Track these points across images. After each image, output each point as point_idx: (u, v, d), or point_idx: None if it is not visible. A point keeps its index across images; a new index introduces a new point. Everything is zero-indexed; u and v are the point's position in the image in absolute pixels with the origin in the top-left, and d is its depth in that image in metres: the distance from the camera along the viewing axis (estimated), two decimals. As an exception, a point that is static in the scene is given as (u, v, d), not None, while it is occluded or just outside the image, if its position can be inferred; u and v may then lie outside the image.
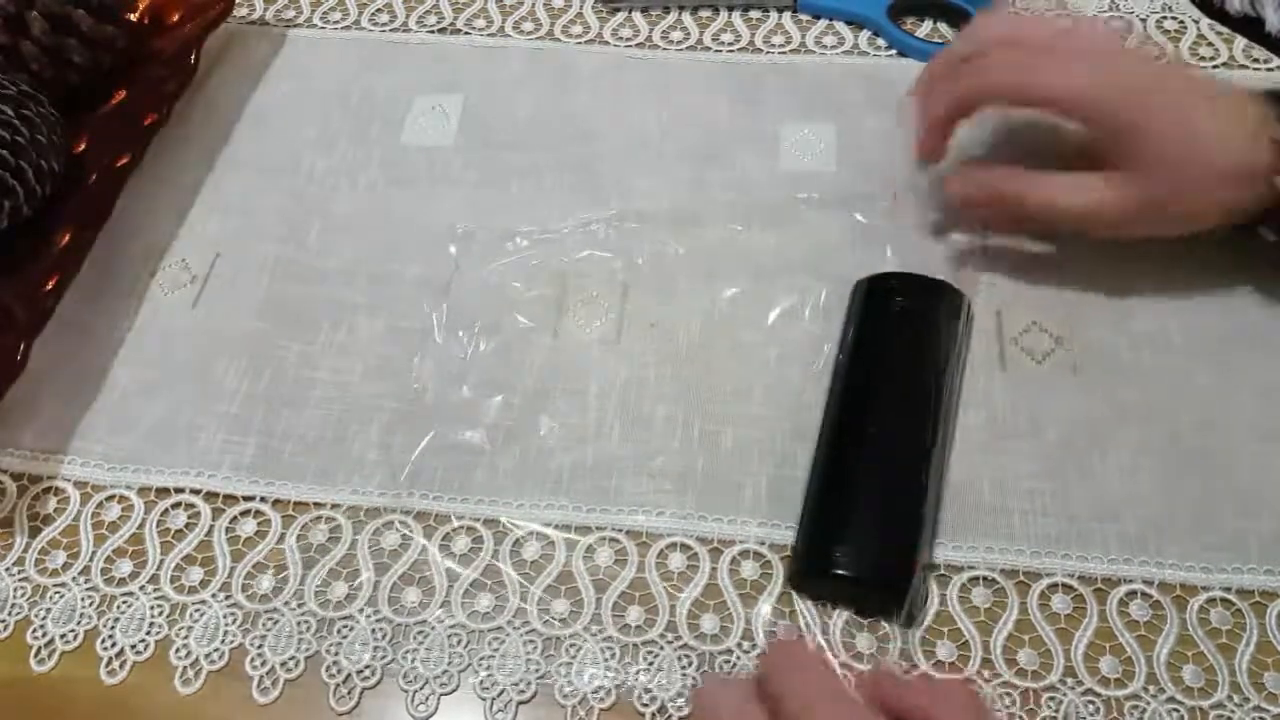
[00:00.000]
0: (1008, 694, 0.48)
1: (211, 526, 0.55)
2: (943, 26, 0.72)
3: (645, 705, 0.48)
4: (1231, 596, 0.50)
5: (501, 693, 0.49)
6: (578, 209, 0.64)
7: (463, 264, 0.62)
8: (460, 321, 0.60)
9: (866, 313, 0.56)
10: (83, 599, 0.53)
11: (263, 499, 0.55)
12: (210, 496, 0.56)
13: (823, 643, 0.49)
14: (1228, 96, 0.52)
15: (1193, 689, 0.47)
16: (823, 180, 0.64)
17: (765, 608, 0.51)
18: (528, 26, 0.75)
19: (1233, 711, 0.47)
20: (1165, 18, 0.71)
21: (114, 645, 0.51)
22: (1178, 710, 0.47)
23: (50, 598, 0.53)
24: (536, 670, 0.50)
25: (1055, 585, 0.50)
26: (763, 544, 0.52)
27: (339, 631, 0.51)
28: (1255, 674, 0.48)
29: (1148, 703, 0.47)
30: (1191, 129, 0.51)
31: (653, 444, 0.55)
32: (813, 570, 0.50)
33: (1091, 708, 0.47)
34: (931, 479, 0.51)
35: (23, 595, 0.53)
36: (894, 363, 0.54)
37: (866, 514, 0.50)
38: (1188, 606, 0.49)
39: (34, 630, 0.52)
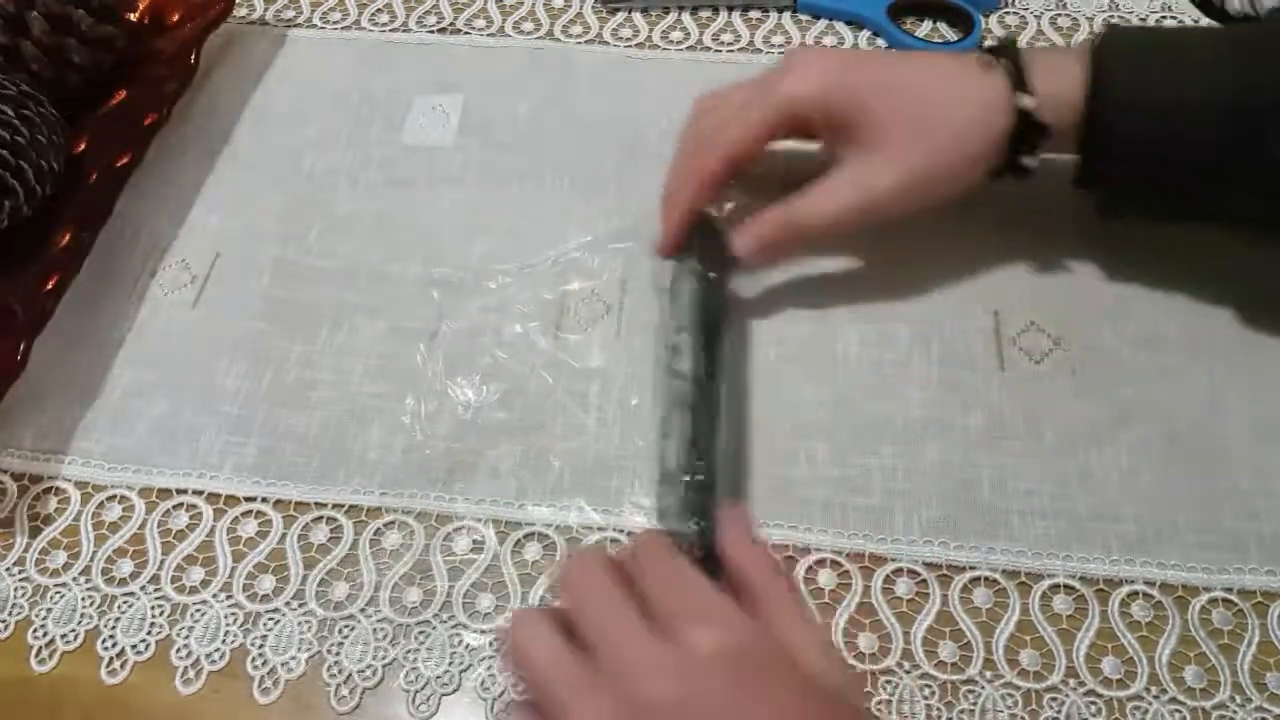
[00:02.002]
0: (1010, 695, 0.48)
1: (213, 527, 0.55)
2: (943, 26, 0.72)
3: (647, 705, 0.48)
4: (1233, 597, 0.50)
5: (503, 693, 0.49)
6: (576, 209, 0.64)
7: (445, 308, 0.61)
8: (457, 368, 0.59)
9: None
10: (83, 599, 0.53)
11: (264, 499, 0.55)
12: (212, 497, 0.56)
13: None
14: (949, 55, 0.55)
15: (1195, 689, 0.47)
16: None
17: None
18: (528, 26, 0.75)
19: (1235, 712, 0.47)
20: (1165, 17, 0.71)
21: (115, 645, 0.51)
22: (1180, 711, 0.47)
23: (51, 598, 0.53)
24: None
25: (1057, 586, 0.50)
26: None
27: (340, 631, 0.51)
28: (1257, 674, 0.48)
29: (1150, 703, 0.47)
30: (919, 92, 0.53)
31: (653, 444, 0.55)
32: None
33: (1094, 708, 0.47)
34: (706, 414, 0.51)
35: (23, 595, 0.53)
36: (724, 349, 0.55)
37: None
38: (1189, 607, 0.49)
39: (35, 630, 0.52)
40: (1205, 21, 0.70)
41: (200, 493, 0.56)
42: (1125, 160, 0.52)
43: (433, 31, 0.76)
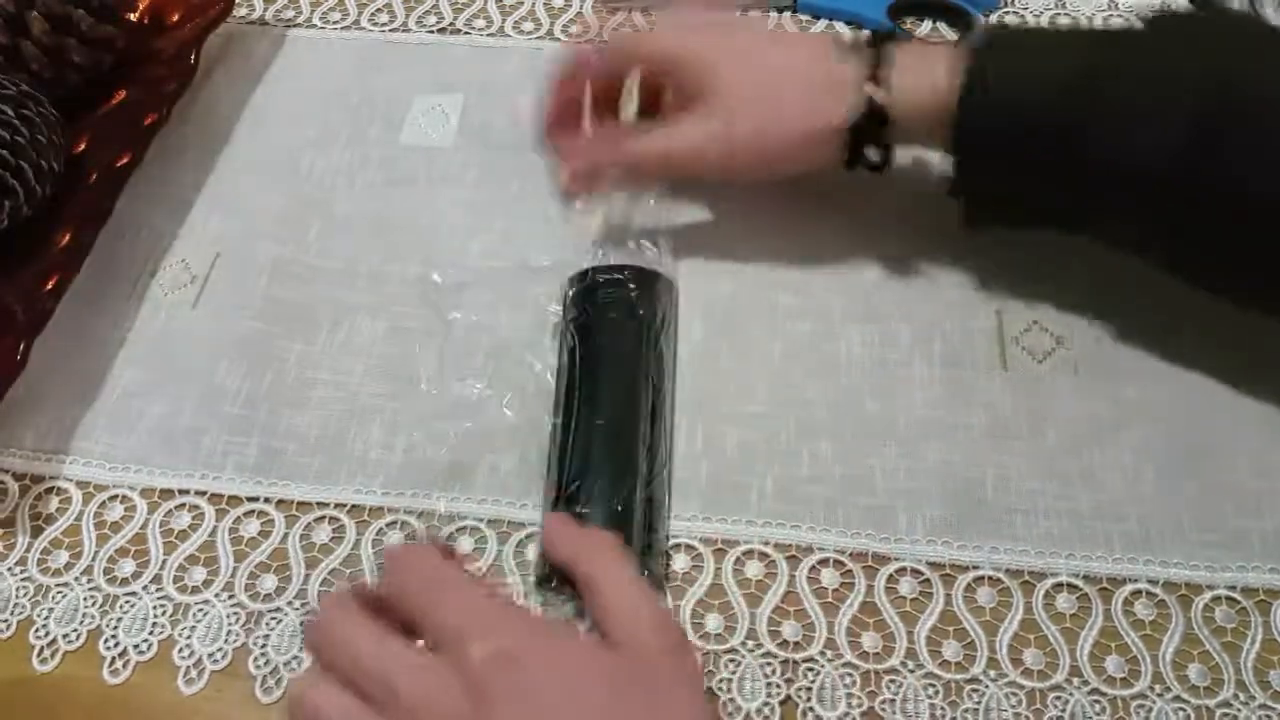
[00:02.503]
0: (1014, 694, 0.48)
1: (215, 527, 0.55)
2: (942, 26, 0.72)
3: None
4: (1236, 595, 0.50)
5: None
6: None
7: (445, 308, 0.61)
8: (458, 368, 0.59)
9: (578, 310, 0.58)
10: (85, 599, 0.53)
11: (266, 499, 0.55)
12: (214, 497, 0.56)
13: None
14: (815, 36, 0.57)
15: (1198, 687, 0.47)
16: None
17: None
18: (528, 26, 0.75)
19: (1239, 710, 0.47)
20: (1165, 19, 0.71)
21: (117, 645, 0.51)
22: (1184, 709, 0.47)
23: (53, 597, 0.53)
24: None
25: (1060, 585, 0.51)
26: (767, 544, 0.52)
27: (343, 632, 0.51)
28: (1261, 671, 0.48)
29: (1153, 702, 0.47)
30: (762, 60, 0.55)
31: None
32: (548, 575, 0.49)
33: (1098, 707, 0.47)
34: (643, 447, 0.52)
35: (25, 595, 0.53)
36: (599, 359, 0.55)
37: (587, 510, 0.50)
38: (1192, 605, 0.50)
39: (36, 630, 0.52)
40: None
41: (202, 493, 0.56)
42: (985, 155, 0.52)
43: (432, 31, 0.76)
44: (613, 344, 0.55)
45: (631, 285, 0.57)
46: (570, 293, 0.58)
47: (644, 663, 0.39)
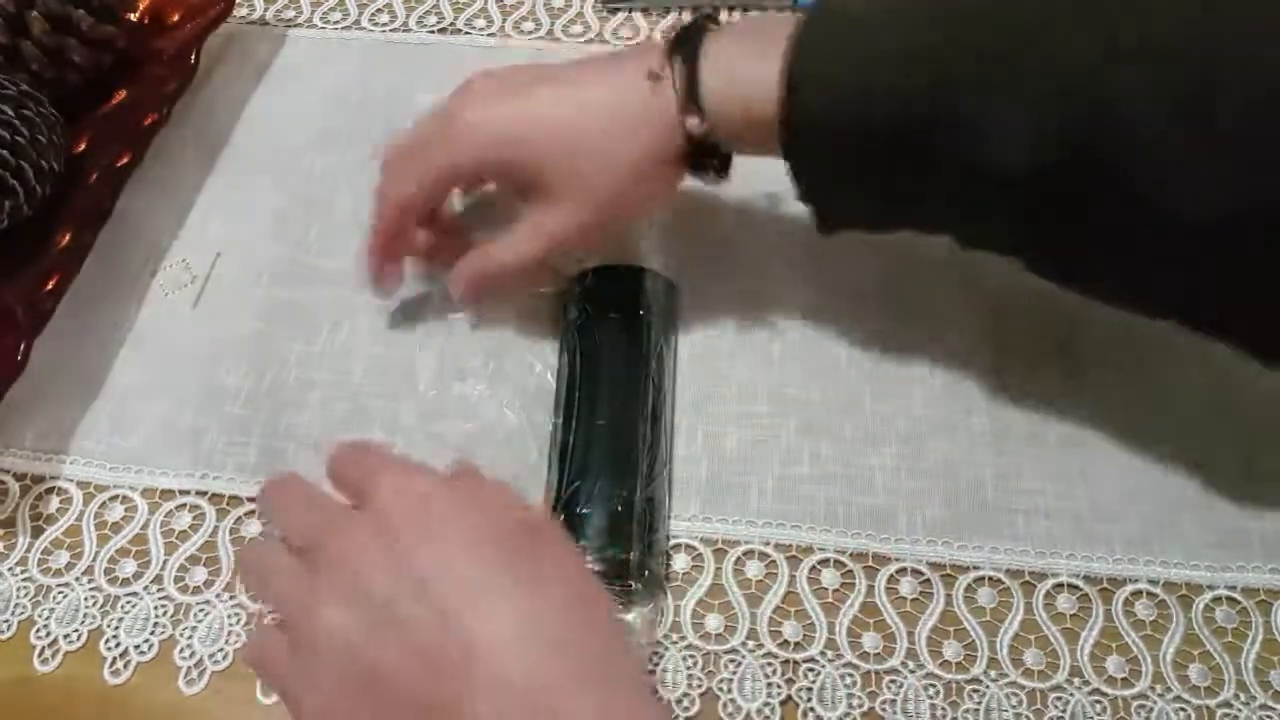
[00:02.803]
0: (1014, 694, 0.48)
1: (215, 527, 0.55)
2: None
3: (652, 705, 0.48)
4: (1237, 595, 0.50)
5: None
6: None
7: (445, 308, 0.61)
8: (458, 368, 0.59)
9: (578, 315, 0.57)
10: (86, 599, 0.53)
11: (266, 499, 0.55)
12: (214, 498, 0.56)
13: None
14: (625, 73, 0.51)
15: (1199, 688, 0.47)
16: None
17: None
18: (528, 26, 0.75)
19: (1239, 710, 0.47)
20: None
21: (118, 645, 0.51)
22: (1184, 709, 0.47)
23: (54, 598, 0.53)
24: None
25: (1060, 585, 0.51)
26: (768, 544, 0.53)
27: (344, 632, 0.51)
28: (1261, 672, 0.48)
29: (1154, 702, 0.47)
30: (588, 138, 0.51)
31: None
32: None
33: (1098, 707, 0.47)
34: (643, 448, 0.52)
35: (26, 595, 0.53)
36: (599, 360, 0.55)
37: (588, 510, 0.50)
38: (1193, 605, 0.50)
39: (37, 630, 0.52)
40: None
41: (203, 493, 0.56)
42: (819, 167, 0.49)
43: (433, 31, 0.76)
44: (613, 345, 0.55)
45: (632, 286, 0.57)
46: (572, 293, 0.58)
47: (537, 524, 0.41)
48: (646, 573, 0.49)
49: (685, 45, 0.49)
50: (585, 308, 0.57)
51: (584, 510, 0.50)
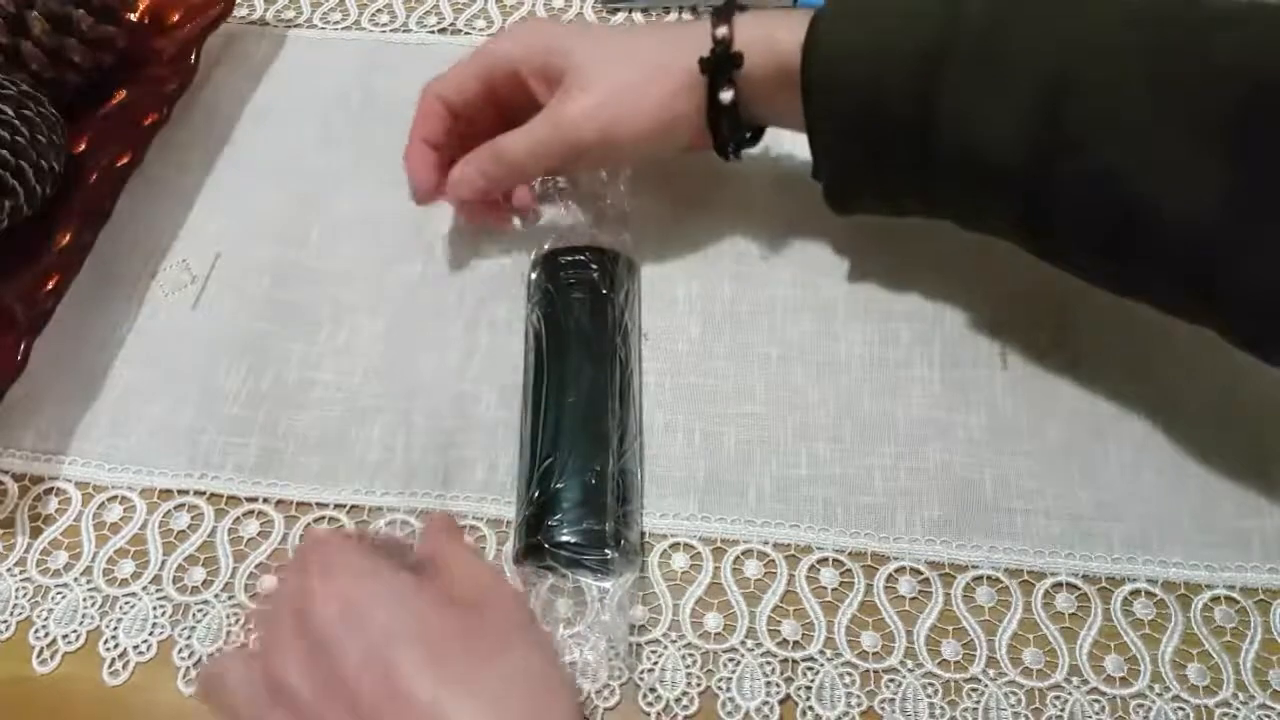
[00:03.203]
0: (1013, 693, 0.48)
1: (214, 527, 0.55)
2: None
3: (650, 705, 0.48)
4: (1235, 594, 0.50)
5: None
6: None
7: (445, 308, 0.62)
8: (457, 368, 0.59)
9: (541, 294, 0.58)
10: (85, 599, 0.53)
11: (265, 500, 0.55)
12: (213, 498, 0.56)
13: None
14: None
15: (1198, 687, 0.47)
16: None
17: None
18: (528, 27, 0.75)
19: (1238, 709, 0.47)
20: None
21: (116, 646, 0.51)
22: (1183, 709, 0.47)
23: (52, 598, 0.53)
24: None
25: (1059, 584, 0.51)
26: (766, 543, 0.53)
27: (342, 632, 0.51)
28: (1260, 671, 0.48)
29: (1153, 701, 0.47)
30: (622, 38, 0.57)
31: (654, 447, 0.56)
32: (528, 549, 0.50)
33: (1097, 706, 0.47)
34: (613, 422, 0.53)
35: (24, 596, 0.53)
36: (565, 338, 0.56)
37: (562, 484, 0.51)
38: (1192, 605, 0.50)
39: (36, 631, 0.52)
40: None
41: (201, 493, 0.56)
42: (835, 117, 0.51)
43: (433, 32, 0.76)
44: (578, 323, 0.56)
45: (594, 265, 0.58)
46: (533, 274, 0.59)
47: (484, 613, 0.40)
48: (623, 542, 0.50)
49: (723, 9, 0.53)
50: (548, 287, 0.58)
51: (558, 485, 0.50)
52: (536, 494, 0.51)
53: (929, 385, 0.56)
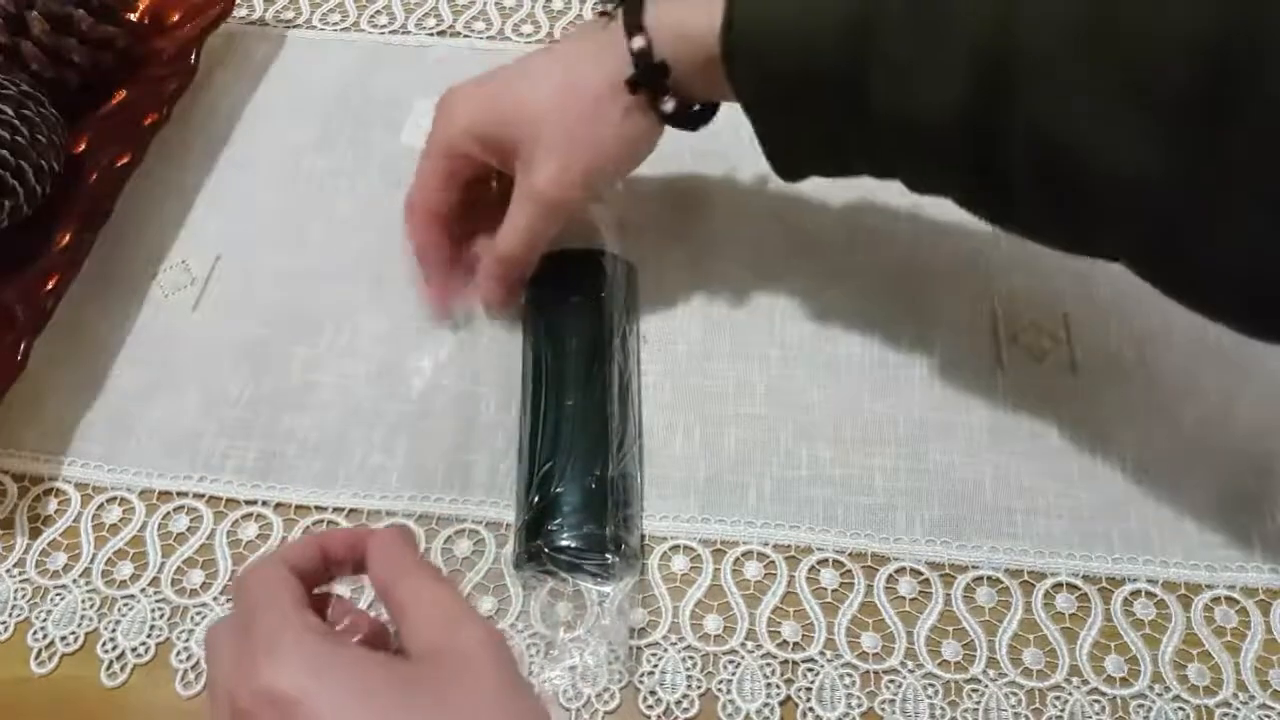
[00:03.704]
0: (1013, 693, 0.48)
1: (213, 530, 0.55)
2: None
3: (650, 708, 0.48)
4: (1236, 595, 0.50)
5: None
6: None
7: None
8: (458, 370, 0.59)
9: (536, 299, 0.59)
10: (83, 601, 0.53)
11: (264, 502, 0.55)
12: (212, 500, 0.55)
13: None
14: (581, 28, 0.56)
15: (1198, 687, 0.47)
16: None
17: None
18: (527, 29, 0.75)
19: (1238, 709, 0.47)
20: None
21: (115, 648, 0.51)
22: (1183, 709, 0.47)
23: (51, 600, 0.53)
24: (537, 672, 0.50)
25: (1059, 584, 0.51)
26: (766, 544, 0.52)
27: (342, 633, 0.51)
28: (1260, 671, 0.48)
29: (1153, 701, 0.47)
30: (553, 87, 0.53)
31: (653, 448, 0.56)
32: (529, 553, 0.50)
33: (1097, 706, 0.47)
34: (613, 425, 0.53)
35: (23, 597, 0.53)
36: (563, 342, 0.56)
37: (561, 489, 0.51)
38: (1192, 605, 0.50)
39: (34, 632, 0.52)
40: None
41: (201, 495, 0.56)
42: (767, 101, 0.50)
43: (432, 34, 0.76)
44: (576, 326, 0.56)
45: (591, 268, 0.58)
46: (531, 278, 0.59)
47: (440, 671, 0.35)
48: (623, 546, 0.50)
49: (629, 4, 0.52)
50: (546, 291, 0.58)
51: (558, 489, 0.51)
52: (536, 499, 0.50)
53: (929, 385, 0.56)
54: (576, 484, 0.51)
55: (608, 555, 0.49)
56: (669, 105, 0.52)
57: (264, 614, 0.36)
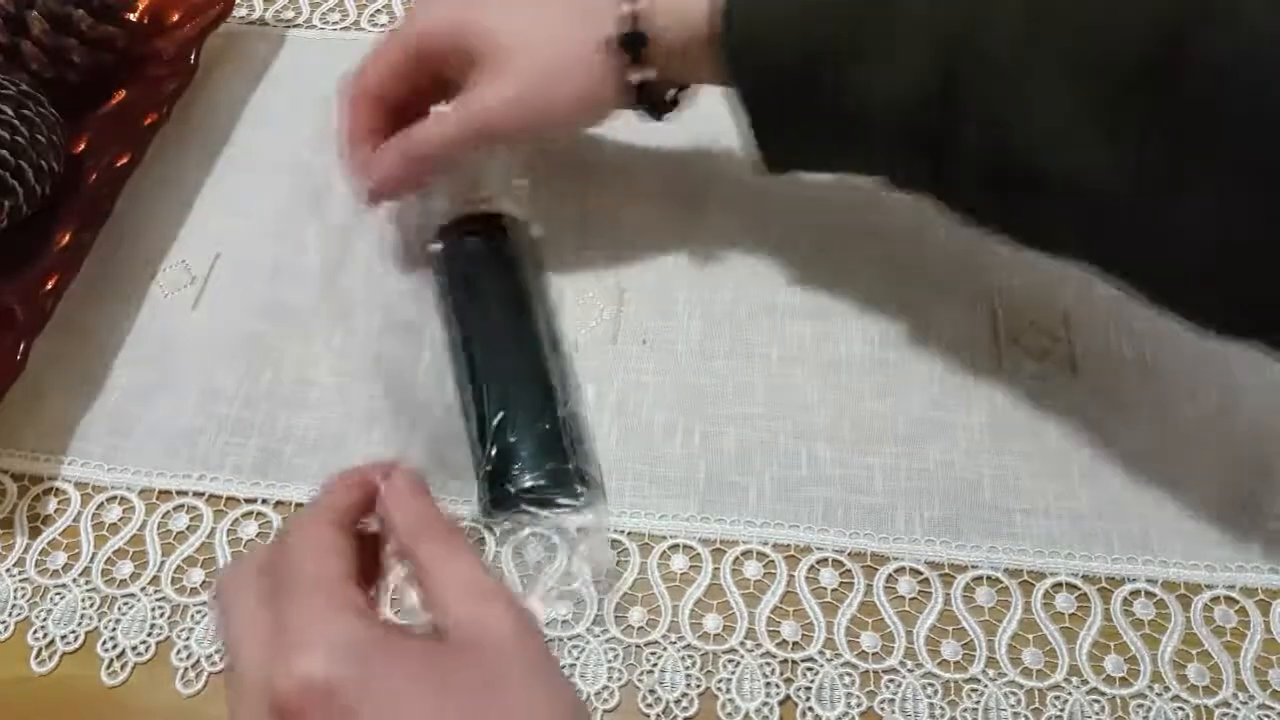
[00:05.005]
0: (1013, 693, 0.48)
1: (213, 528, 0.55)
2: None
3: (650, 706, 0.48)
4: (1235, 594, 0.50)
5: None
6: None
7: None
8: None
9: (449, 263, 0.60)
10: (83, 600, 0.53)
11: (264, 500, 0.55)
12: (212, 499, 0.55)
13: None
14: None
15: (1198, 687, 0.47)
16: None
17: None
18: (528, 27, 0.75)
19: (1238, 709, 0.47)
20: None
21: (115, 647, 0.51)
22: (1183, 709, 0.47)
23: (51, 599, 0.53)
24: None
25: (1059, 584, 0.50)
26: (766, 544, 0.52)
27: (341, 632, 0.51)
28: (1260, 671, 0.48)
29: (1153, 701, 0.47)
30: (532, 13, 0.54)
31: (653, 448, 0.55)
32: (495, 500, 0.52)
33: (1097, 706, 0.47)
34: (557, 386, 0.55)
35: (23, 596, 0.53)
36: (484, 300, 0.58)
37: (515, 437, 0.52)
38: (1192, 605, 0.50)
39: (34, 631, 0.52)
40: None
41: (200, 494, 0.56)
42: (758, 94, 0.51)
43: (432, 32, 0.76)
44: (490, 284, 0.58)
45: (491, 230, 0.60)
46: (439, 248, 0.60)
47: (477, 657, 0.35)
48: (587, 477, 0.52)
49: None
50: (455, 257, 0.59)
51: (513, 438, 0.52)
52: (494, 450, 0.52)
53: (928, 385, 0.56)
54: (529, 430, 0.52)
55: (577, 487, 0.51)
56: (636, 77, 0.52)
57: (309, 591, 0.36)
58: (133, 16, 0.73)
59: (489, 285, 0.58)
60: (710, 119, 0.57)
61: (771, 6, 0.49)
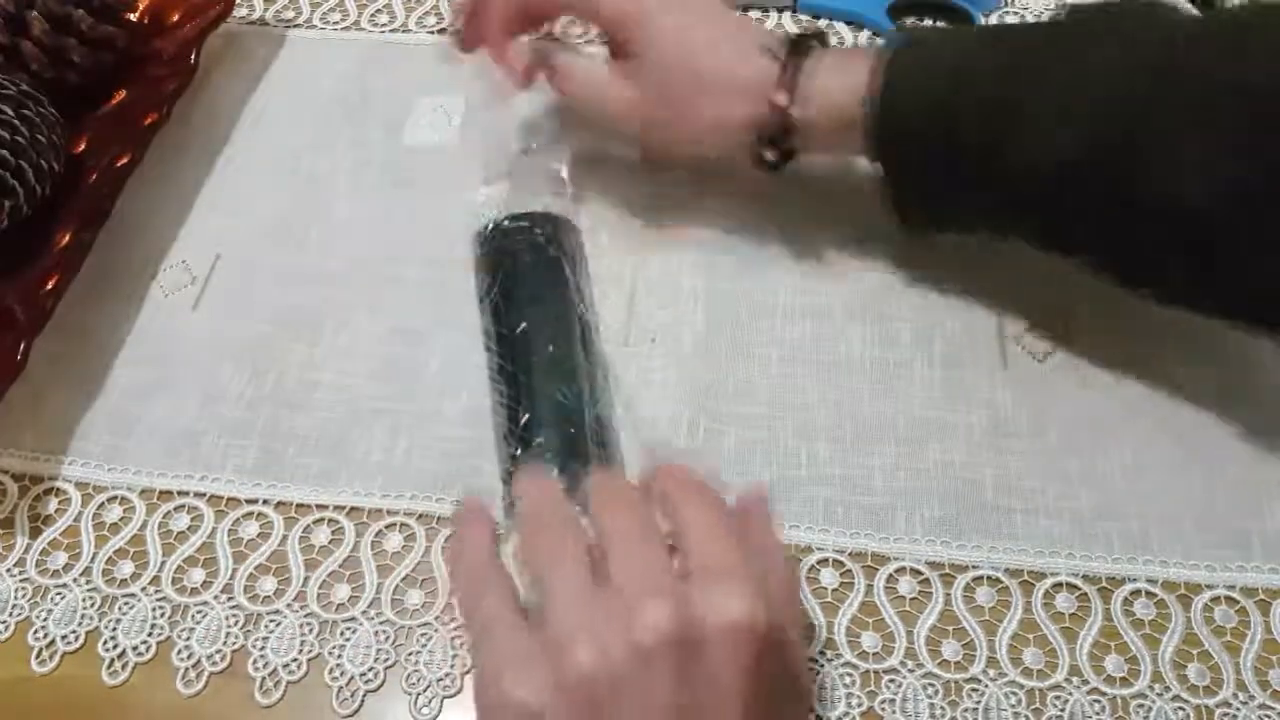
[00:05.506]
0: (1013, 693, 0.48)
1: (214, 528, 0.54)
2: (942, 26, 0.72)
3: (650, 705, 0.48)
4: (1236, 594, 0.50)
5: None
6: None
7: (446, 310, 0.61)
8: (458, 370, 0.59)
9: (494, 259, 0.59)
10: (84, 600, 0.53)
11: (265, 501, 0.55)
12: (213, 499, 0.55)
13: None
14: (748, 27, 0.56)
15: (1198, 687, 0.47)
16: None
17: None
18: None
19: (1238, 709, 0.47)
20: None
21: (115, 646, 0.51)
22: (1183, 709, 0.47)
23: (51, 599, 0.53)
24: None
25: (1059, 584, 0.50)
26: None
27: (342, 634, 0.51)
28: (1260, 671, 0.48)
29: (1153, 701, 0.47)
30: (686, 32, 0.54)
31: (657, 440, 0.55)
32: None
33: (1097, 706, 0.47)
34: (585, 388, 0.54)
35: (24, 596, 0.53)
36: (530, 297, 0.57)
37: (542, 438, 0.52)
38: (1192, 605, 0.50)
39: (35, 631, 0.52)
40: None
41: (201, 494, 0.56)
42: (903, 160, 0.53)
43: (432, 32, 0.76)
44: (532, 283, 0.57)
45: (537, 230, 0.59)
46: (480, 243, 0.60)
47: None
48: None
49: (800, 42, 0.54)
50: (496, 254, 0.59)
51: (540, 438, 0.51)
52: (518, 450, 0.51)
53: (929, 385, 0.56)
54: (556, 429, 0.52)
55: None
56: (771, 156, 0.55)
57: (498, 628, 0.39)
58: (133, 16, 0.73)
59: (530, 286, 0.57)
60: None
61: (918, 91, 0.51)
